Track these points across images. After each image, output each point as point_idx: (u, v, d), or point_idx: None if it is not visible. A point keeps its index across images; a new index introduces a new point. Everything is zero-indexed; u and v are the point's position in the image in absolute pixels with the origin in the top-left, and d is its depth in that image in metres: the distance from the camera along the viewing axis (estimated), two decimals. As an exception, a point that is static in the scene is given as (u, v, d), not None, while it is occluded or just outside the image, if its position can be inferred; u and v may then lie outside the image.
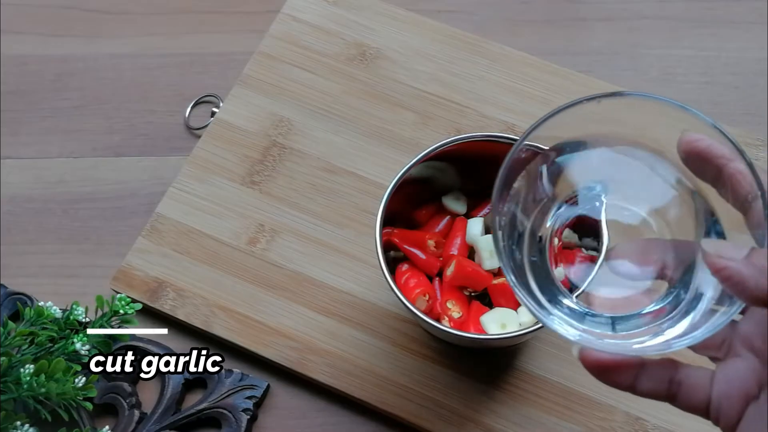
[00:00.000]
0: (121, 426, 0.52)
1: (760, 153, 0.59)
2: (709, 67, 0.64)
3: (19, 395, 0.48)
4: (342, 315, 0.55)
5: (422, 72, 0.62)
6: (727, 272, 0.31)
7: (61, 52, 0.67)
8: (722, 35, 0.65)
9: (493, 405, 0.53)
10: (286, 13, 0.64)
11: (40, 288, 0.58)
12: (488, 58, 0.62)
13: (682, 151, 0.34)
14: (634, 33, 0.66)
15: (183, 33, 0.67)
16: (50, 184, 0.62)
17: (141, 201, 0.61)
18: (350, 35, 0.63)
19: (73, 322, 0.52)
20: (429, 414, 0.52)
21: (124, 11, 0.68)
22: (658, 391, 0.34)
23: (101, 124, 0.64)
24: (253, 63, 0.63)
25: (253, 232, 0.57)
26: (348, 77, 0.62)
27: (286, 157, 0.60)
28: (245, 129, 0.61)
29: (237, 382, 0.54)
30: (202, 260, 0.57)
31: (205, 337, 0.56)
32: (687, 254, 0.36)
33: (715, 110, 0.62)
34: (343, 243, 0.57)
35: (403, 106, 0.61)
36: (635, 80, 0.63)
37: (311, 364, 0.54)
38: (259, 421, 0.54)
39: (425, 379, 0.53)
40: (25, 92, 0.65)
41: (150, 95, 0.65)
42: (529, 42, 0.65)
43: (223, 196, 0.59)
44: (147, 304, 0.55)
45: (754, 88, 0.63)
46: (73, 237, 0.60)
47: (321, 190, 0.59)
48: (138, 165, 0.62)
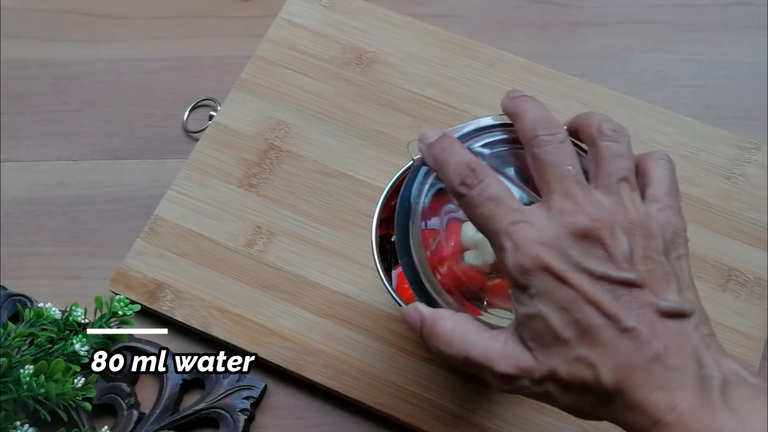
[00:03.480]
0: (120, 426, 0.53)
1: (753, 156, 0.59)
2: (702, 70, 0.65)
3: (19, 395, 0.48)
4: (338, 316, 0.55)
5: (418, 76, 0.62)
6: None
7: (61, 56, 0.67)
8: (715, 39, 0.66)
9: (488, 405, 0.53)
10: (283, 17, 0.65)
11: (40, 289, 0.58)
12: (483, 62, 0.63)
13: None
14: (627, 37, 0.66)
15: (181, 37, 0.67)
16: (50, 187, 0.62)
17: (139, 203, 0.61)
18: (346, 39, 0.64)
19: (72, 323, 0.52)
20: (424, 414, 0.53)
21: (123, 16, 0.69)
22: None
23: (100, 128, 0.64)
24: (251, 67, 0.63)
25: (250, 234, 0.58)
26: (344, 81, 0.63)
27: (283, 160, 0.60)
28: (243, 132, 0.61)
29: (234, 382, 0.54)
30: (200, 262, 0.57)
31: (203, 338, 0.56)
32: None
33: (708, 114, 0.63)
34: (340, 245, 0.57)
35: (399, 110, 0.61)
36: (628, 84, 0.64)
37: (308, 364, 0.54)
38: (256, 421, 0.55)
39: (421, 380, 0.54)
40: (25, 96, 0.66)
41: (148, 99, 0.65)
42: (523, 46, 0.66)
43: (220, 199, 0.59)
44: (145, 306, 0.56)
45: (746, 91, 0.64)
46: (73, 239, 0.60)
47: (317, 192, 0.59)
48: (137, 168, 0.63)
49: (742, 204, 0.58)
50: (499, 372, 0.37)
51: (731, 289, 0.56)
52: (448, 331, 0.39)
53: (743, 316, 0.55)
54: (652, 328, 0.35)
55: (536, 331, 0.37)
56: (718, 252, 0.57)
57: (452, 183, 0.39)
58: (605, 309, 0.35)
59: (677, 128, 0.60)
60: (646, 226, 0.37)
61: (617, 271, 0.36)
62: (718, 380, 0.34)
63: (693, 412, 0.34)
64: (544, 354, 0.36)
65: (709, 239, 0.57)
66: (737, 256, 0.56)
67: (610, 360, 0.35)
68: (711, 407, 0.34)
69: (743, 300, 0.55)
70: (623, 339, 0.35)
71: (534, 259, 0.36)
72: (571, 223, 0.36)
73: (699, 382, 0.34)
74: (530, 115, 0.40)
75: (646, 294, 0.36)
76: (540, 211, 0.38)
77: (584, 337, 0.35)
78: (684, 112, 0.61)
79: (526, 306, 0.37)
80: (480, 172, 0.38)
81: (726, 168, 0.59)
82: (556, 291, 0.36)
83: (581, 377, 0.36)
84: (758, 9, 0.67)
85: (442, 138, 0.41)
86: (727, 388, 0.34)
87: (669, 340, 0.35)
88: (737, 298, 0.55)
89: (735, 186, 0.59)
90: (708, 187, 0.59)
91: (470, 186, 0.38)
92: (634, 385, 0.35)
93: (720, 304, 0.55)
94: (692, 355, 0.35)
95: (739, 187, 0.59)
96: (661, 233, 0.38)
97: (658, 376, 0.34)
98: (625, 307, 0.35)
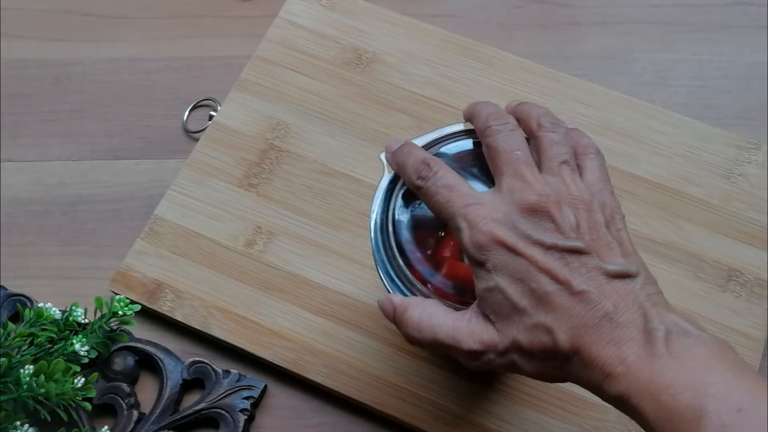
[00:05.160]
0: (120, 426, 0.53)
1: (753, 156, 0.59)
2: (702, 70, 0.65)
3: (19, 395, 0.48)
4: (338, 316, 0.55)
5: (418, 76, 0.62)
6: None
7: (61, 55, 0.67)
8: (715, 39, 0.66)
9: (488, 405, 0.53)
10: (283, 17, 0.65)
11: (40, 289, 0.58)
12: (483, 62, 0.63)
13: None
14: (627, 37, 0.66)
15: (181, 37, 0.67)
16: (50, 187, 0.62)
17: (139, 203, 0.61)
18: (346, 39, 0.64)
19: (72, 323, 0.52)
20: (424, 414, 0.53)
21: (122, 15, 0.69)
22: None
23: (100, 128, 0.64)
24: (251, 67, 0.63)
25: (250, 234, 0.58)
26: (344, 81, 0.63)
27: (282, 159, 0.60)
28: (243, 132, 0.61)
29: (234, 382, 0.54)
30: (200, 262, 0.57)
31: (203, 338, 0.56)
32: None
33: (708, 113, 0.63)
34: (339, 245, 0.57)
35: (399, 110, 0.61)
36: (629, 84, 0.64)
37: (308, 364, 0.54)
38: (256, 421, 0.55)
39: (420, 380, 0.54)
40: (25, 95, 0.66)
41: (148, 99, 0.65)
42: (523, 46, 0.66)
43: (220, 199, 0.59)
44: (145, 306, 0.56)
45: (746, 91, 0.64)
46: (73, 239, 0.61)
47: (317, 192, 0.59)
48: (136, 168, 0.63)
49: (742, 204, 0.58)
50: (466, 349, 0.40)
51: (731, 289, 0.56)
52: (416, 317, 0.42)
53: (743, 316, 0.55)
54: (601, 289, 0.38)
55: (496, 304, 0.39)
56: (718, 252, 0.57)
57: (411, 179, 0.43)
58: (557, 275, 0.38)
59: (677, 128, 0.60)
60: (588, 201, 0.41)
61: (565, 240, 0.39)
62: (662, 332, 0.37)
63: (638, 363, 0.36)
64: (505, 325, 0.39)
65: (709, 239, 0.57)
66: (737, 256, 0.56)
67: (564, 323, 0.38)
68: (655, 357, 0.36)
69: (743, 300, 0.55)
70: (575, 302, 0.38)
71: (488, 235, 0.39)
72: (520, 199, 0.40)
73: (644, 335, 0.37)
74: (484, 112, 0.44)
75: (593, 259, 0.39)
76: (492, 194, 0.41)
77: (540, 304, 0.38)
78: (684, 111, 0.61)
79: (485, 280, 0.40)
80: (434, 165, 0.42)
81: (726, 168, 0.59)
82: (510, 263, 0.39)
83: (540, 342, 0.38)
84: (758, 9, 0.67)
85: (404, 145, 0.45)
86: (671, 339, 0.37)
87: (617, 300, 0.38)
88: (737, 298, 0.55)
89: (735, 186, 0.59)
90: (708, 187, 0.59)
91: (426, 178, 0.42)
92: (587, 343, 0.37)
93: (720, 304, 0.55)
94: (639, 311, 0.38)
95: (739, 187, 0.59)
96: (602, 209, 0.41)
97: (609, 332, 0.37)
98: (575, 273, 0.38)
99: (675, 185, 0.59)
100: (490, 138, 0.43)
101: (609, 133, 0.60)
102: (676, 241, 0.57)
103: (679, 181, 0.59)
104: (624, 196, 0.58)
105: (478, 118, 0.45)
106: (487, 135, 0.43)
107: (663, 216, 0.58)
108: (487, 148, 0.43)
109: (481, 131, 0.44)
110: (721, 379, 0.35)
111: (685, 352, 0.36)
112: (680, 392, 0.35)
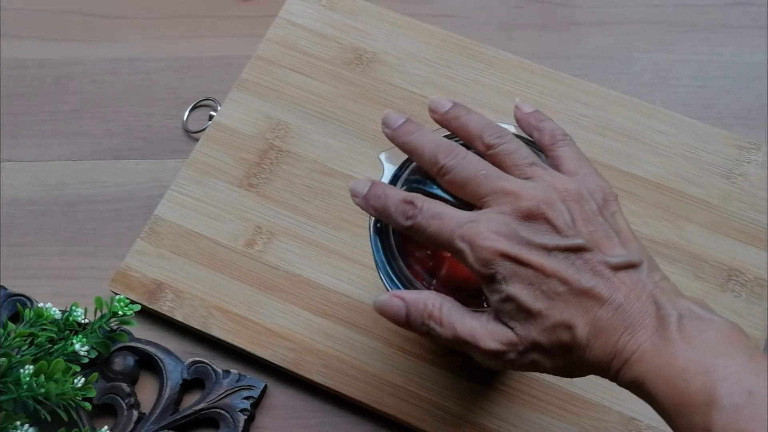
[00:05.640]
0: (120, 426, 0.53)
1: (753, 156, 0.59)
2: (702, 70, 0.65)
3: (19, 395, 0.48)
4: (338, 316, 0.55)
5: (418, 76, 0.62)
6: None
7: (61, 55, 0.67)
8: (715, 39, 0.66)
9: (488, 405, 0.53)
10: (283, 17, 0.65)
11: (40, 289, 0.58)
12: (483, 62, 0.63)
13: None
14: (627, 37, 0.66)
15: (181, 37, 0.67)
16: (50, 187, 0.62)
17: (139, 203, 0.61)
18: (346, 39, 0.64)
19: (72, 323, 0.52)
20: (424, 414, 0.53)
21: (122, 15, 0.69)
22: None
23: (100, 128, 0.64)
24: (251, 67, 0.63)
25: (250, 234, 0.58)
26: (344, 81, 0.63)
27: (282, 159, 0.60)
28: (243, 132, 0.61)
29: (234, 382, 0.54)
30: (200, 262, 0.57)
31: (203, 338, 0.56)
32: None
33: (708, 113, 0.63)
34: (339, 245, 0.57)
35: (399, 110, 0.61)
36: (629, 84, 0.64)
37: (308, 364, 0.54)
38: (256, 421, 0.55)
39: (420, 380, 0.54)
40: (25, 95, 0.66)
41: (148, 99, 0.65)
42: (523, 46, 0.66)
43: (220, 199, 0.59)
44: (145, 306, 0.56)
45: (746, 91, 0.64)
46: (73, 239, 0.61)
47: (317, 192, 0.59)
48: (136, 168, 0.63)
49: (742, 204, 0.58)
50: (485, 348, 0.40)
51: (731, 289, 0.56)
52: (438, 309, 0.41)
53: (743, 316, 0.55)
54: (609, 283, 0.39)
55: (512, 312, 0.40)
56: (718, 252, 0.57)
57: (399, 222, 0.42)
58: (564, 277, 0.39)
59: (677, 128, 0.60)
60: (576, 192, 0.41)
61: (565, 240, 0.39)
62: (675, 317, 0.38)
63: (653, 348, 0.37)
64: (524, 329, 0.40)
65: (709, 239, 0.57)
66: (737, 256, 0.56)
67: (581, 319, 0.39)
68: (668, 341, 0.37)
69: (743, 300, 0.55)
70: (587, 298, 0.39)
71: (489, 249, 0.39)
72: (512, 209, 0.40)
73: (657, 321, 0.38)
74: (425, 149, 0.43)
75: (596, 254, 0.39)
76: (482, 212, 0.41)
77: (554, 305, 0.39)
78: (684, 111, 0.61)
79: (497, 292, 0.40)
80: (417, 201, 0.42)
81: (726, 168, 0.59)
82: (518, 272, 0.39)
83: (560, 340, 0.39)
84: (758, 9, 0.67)
85: (373, 187, 0.44)
86: (683, 324, 0.38)
87: (627, 291, 0.39)
88: (737, 298, 0.55)
89: (735, 186, 0.59)
90: (708, 187, 0.59)
91: (413, 217, 0.42)
92: (604, 335, 0.38)
93: (720, 304, 0.55)
94: (650, 299, 0.39)
95: (739, 187, 0.59)
96: (592, 196, 0.41)
97: (623, 322, 0.38)
98: (581, 271, 0.39)
99: (675, 185, 0.59)
100: (449, 176, 0.42)
101: (609, 133, 0.60)
102: (676, 241, 0.57)
103: (679, 181, 0.59)
104: (624, 196, 0.58)
105: (422, 157, 0.44)
106: (443, 174, 0.43)
107: (663, 216, 0.58)
108: (449, 185, 0.43)
109: (433, 173, 0.43)
110: (732, 363, 0.36)
111: (697, 335, 0.37)
112: (693, 376, 0.36)
